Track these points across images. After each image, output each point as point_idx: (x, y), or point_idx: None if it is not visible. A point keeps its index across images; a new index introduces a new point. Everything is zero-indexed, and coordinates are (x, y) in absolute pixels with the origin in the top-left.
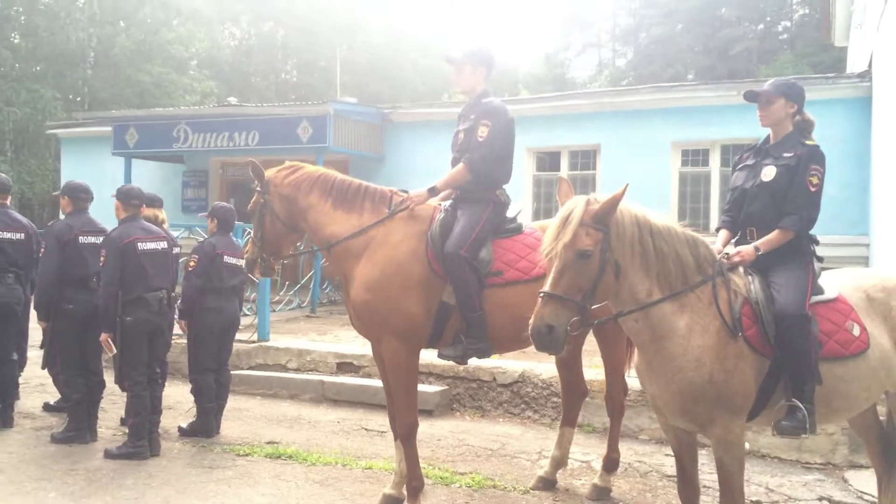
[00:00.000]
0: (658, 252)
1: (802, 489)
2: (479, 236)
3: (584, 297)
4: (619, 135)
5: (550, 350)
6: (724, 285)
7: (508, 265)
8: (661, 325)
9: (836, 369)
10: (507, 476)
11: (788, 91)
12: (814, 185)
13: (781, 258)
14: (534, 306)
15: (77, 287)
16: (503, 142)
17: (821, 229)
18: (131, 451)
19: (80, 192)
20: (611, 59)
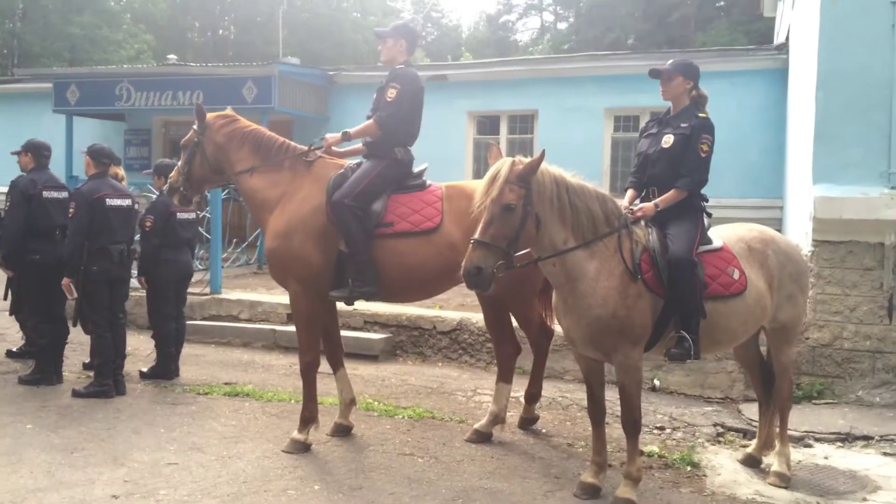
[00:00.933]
0: (573, 207)
1: (701, 417)
2: (368, 188)
3: (508, 244)
4: (556, 100)
5: (479, 288)
6: (628, 236)
7: (400, 217)
8: (574, 269)
9: (718, 307)
10: (444, 409)
11: (685, 70)
12: (704, 151)
13: (676, 213)
14: (421, 257)
15: (42, 238)
16: (410, 104)
17: (741, 192)
18: (98, 389)
19: (43, 150)
20: (553, 23)
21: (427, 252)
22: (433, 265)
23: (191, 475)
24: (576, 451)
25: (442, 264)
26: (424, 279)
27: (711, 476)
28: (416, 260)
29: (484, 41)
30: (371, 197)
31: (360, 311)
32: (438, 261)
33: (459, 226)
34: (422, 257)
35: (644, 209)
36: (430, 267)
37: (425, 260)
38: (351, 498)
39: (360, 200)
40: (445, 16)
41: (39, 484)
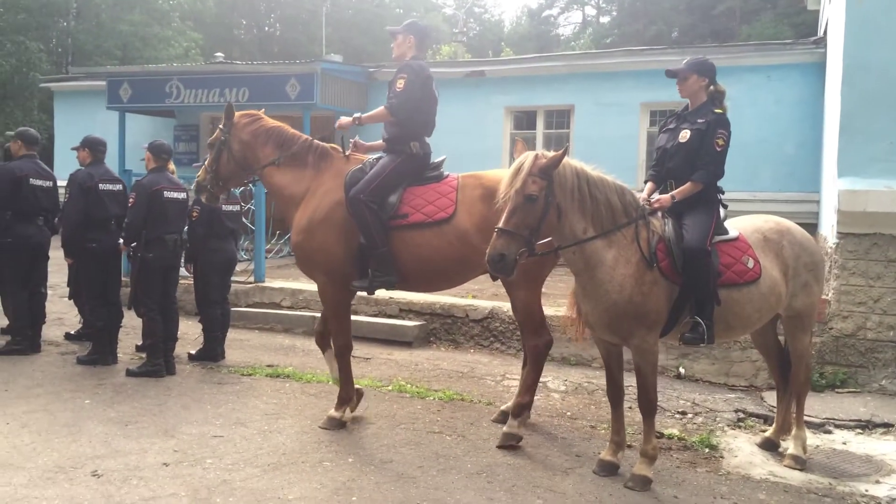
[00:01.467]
0: (593, 198)
1: (723, 404)
2: (383, 183)
3: (530, 232)
4: (592, 95)
5: (503, 273)
6: (645, 226)
7: (415, 209)
8: (593, 257)
9: (732, 294)
10: (473, 392)
11: (699, 68)
12: (719, 146)
13: (692, 204)
14: (435, 247)
15: (99, 228)
16: (419, 93)
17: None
18: (150, 369)
19: (99, 146)
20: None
21: (440, 242)
22: (447, 254)
23: (235, 447)
24: (598, 433)
25: (456, 253)
26: (440, 268)
27: (728, 458)
28: (430, 250)
29: (525, 36)
30: (387, 191)
31: (396, 299)
32: (451, 250)
33: (471, 214)
34: (436, 247)
35: (661, 200)
36: (444, 256)
37: (439, 249)
38: (381, 470)
39: (376, 195)
40: (488, 11)
41: (98, 452)
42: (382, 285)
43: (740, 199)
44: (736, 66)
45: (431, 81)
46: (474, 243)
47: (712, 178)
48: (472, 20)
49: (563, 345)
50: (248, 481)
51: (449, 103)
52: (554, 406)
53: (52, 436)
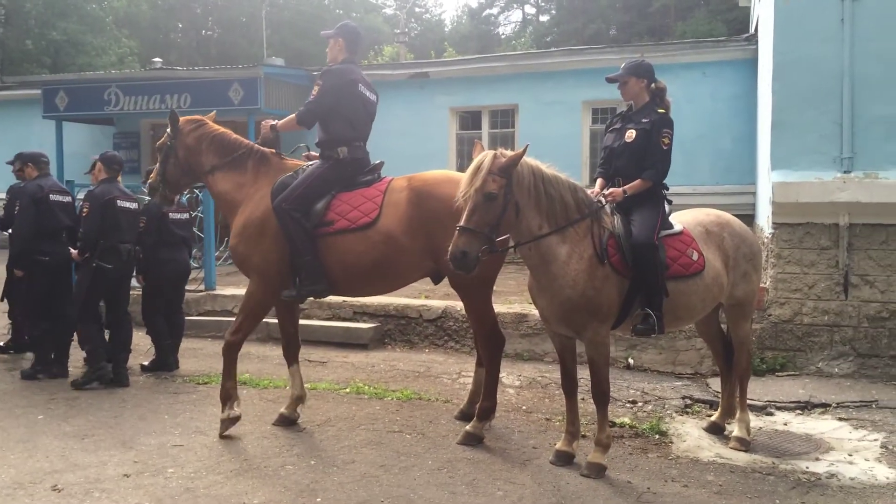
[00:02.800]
0: (548, 196)
1: (671, 391)
2: (306, 192)
3: (490, 229)
4: (535, 94)
5: (464, 271)
6: (597, 222)
7: (340, 216)
8: (547, 253)
9: (679, 286)
10: (430, 390)
11: (637, 70)
12: (665, 144)
13: (639, 201)
14: (359, 253)
15: (50, 240)
16: (333, 98)
17: (716, 179)
18: (94, 375)
19: (41, 157)
20: (534, 16)
21: (365, 247)
22: (373, 258)
23: (196, 455)
24: (553, 425)
25: (382, 257)
26: (367, 273)
27: (677, 443)
28: (355, 256)
29: (467, 36)
30: (311, 199)
31: (350, 302)
32: (377, 254)
33: (397, 217)
34: (360, 252)
35: (613, 193)
36: (370, 261)
37: (364, 254)
38: (344, 470)
39: (299, 203)
40: (428, 11)
41: (55, 466)
42: (311, 293)
43: (681, 192)
44: (673, 64)
45: (357, 84)
46: (401, 246)
47: (660, 175)
48: (413, 20)
49: (515, 341)
50: (211, 488)
51: (393, 105)
52: (509, 401)
53: (7, 452)
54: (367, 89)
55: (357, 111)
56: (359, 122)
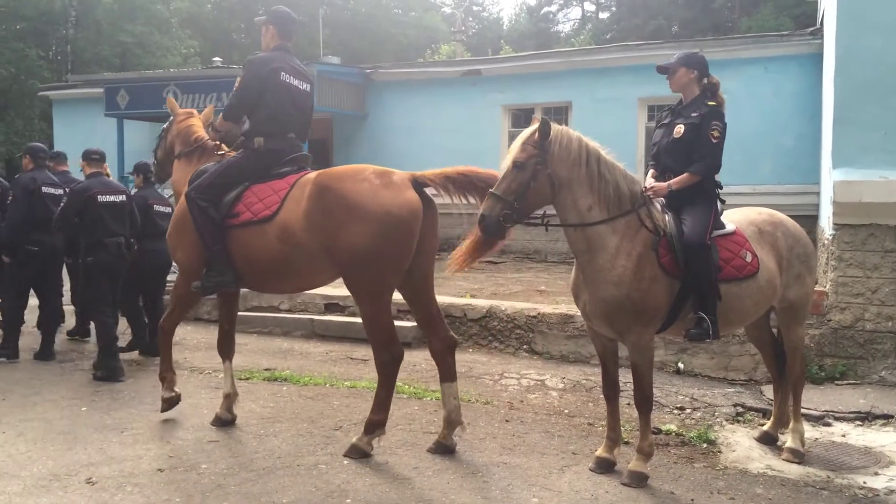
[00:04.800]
0: (601, 177)
1: (722, 398)
2: (217, 181)
3: (515, 198)
4: (589, 91)
5: (487, 234)
6: (648, 216)
7: (246, 208)
8: (595, 239)
9: (732, 289)
10: (471, 391)
11: (688, 61)
12: (715, 137)
13: (691, 199)
14: (259, 246)
15: (41, 230)
16: (250, 90)
17: (778, 178)
18: (107, 373)
19: (40, 152)
20: (594, 13)
21: (262, 241)
22: (270, 254)
23: (230, 451)
24: (595, 430)
25: (277, 253)
26: (267, 268)
27: (726, 452)
28: (254, 250)
29: (525, 34)
30: (222, 189)
31: (394, 300)
32: (273, 249)
33: (296, 212)
34: (259, 247)
35: (656, 188)
36: (267, 256)
37: (263, 249)
38: (377, 472)
39: (207, 192)
40: (486, 9)
41: (92, 459)
42: (217, 285)
43: (740, 192)
44: (733, 59)
45: (279, 73)
46: (298, 242)
47: (709, 170)
48: (470, 18)
49: (561, 342)
50: (242, 486)
51: (445, 103)
52: (551, 404)
53: (47, 444)
54: (294, 77)
55: (280, 101)
56: (282, 112)
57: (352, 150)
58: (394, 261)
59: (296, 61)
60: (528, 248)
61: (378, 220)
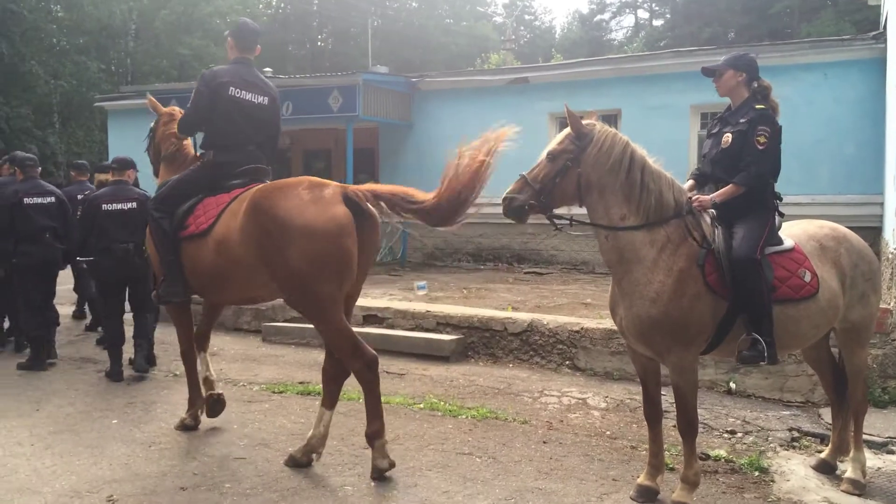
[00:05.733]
0: (644, 187)
1: (776, 422)
2: (172, 193)
3: (541, 187)
4: (640, 99)
5: (509, 216)
6: (696, 227)
7: (194, 220)
8: (628, 250)
9: (787, 310)
10: (508, 409)
11: (735, 62)
12: (761, 143)
13: (744, 212)
14: (198, 258)
15: (27, 241)
16: (200, 104)
17: (837, 188)
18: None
19: (27, 162)
20: (647, 20)
21: (201, 253)
22: (207, 266)
23: (256, 469)
24: (639, 454)
25: (213, 265)
26: (209, 281)
27: (779, 482)
28: (195, 261)
29: (577, 42)
30: (174, 201)
31: (433, 312)
32: (210, 262)
33: (229, 226)
34: (199, 259)
35: (700, 200)
36: (205, 268)
37: (201, 261)
38: (405, 495)
39: (161, 204)
40: (538, 18)
41: (116, 475)
42: (168, 295)
43: (798, 202)
44: (791, 65)
45: (228, 87)
46: (234, 255)
47: (754, 179)
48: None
49: (605, 359)
50: None
51: (492, 111)
52: (593, 425)
53: (73, 458)
54: (246, 91)
55: (229, 114)
56: (232, 125)
57: (398, 160)
58: (327, 276)
59: (253, 74)
60: (576, 259)
61: (304, 237)
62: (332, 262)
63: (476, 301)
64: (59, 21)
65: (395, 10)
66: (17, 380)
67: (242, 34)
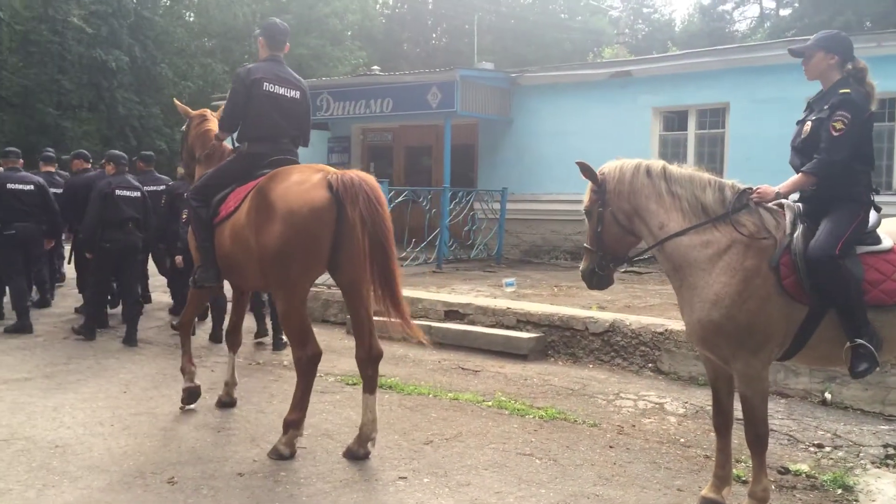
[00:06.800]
0: (671, 193)
1: (871, 437)
2: (209, 182)
3: (595, 245)
4: (749, 92)
5: (589, 287)
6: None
7: (224, 207)
8: (678, 257)
9: (880, 317)
10: (578, 411)
11: (827, 43)
12: (836, 129)
13: (834, 206)
14: (224, 241)
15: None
16: (236, 101)
17: None
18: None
19: (121, 159)
20: (774, 10)
21: (224, 236)
22: (227, 249)
23: (314, 460)
24: (711, 464)
25: (230, 249)
26: (228, 264)
27: (864, 501)
28: (220, 244)
29: (696, 34)
30: (213, 189)
31: (513, 309)
32: (229, 245)
33: (246, 211)
34: (221, 241)
35: (761, 192)
36: (226, 252)
37: (224, 245)
38: (455, 493)
39: (198, 193)
40: (657, 10)
41: (182, 458)
42: (203, 279)
43: None
44: None
45: (262, 83)
46: (244, 240)
47: (824, 167)
48: (640, 21)
49: (690, 363)
50: (313, 497)
51: (592, 106)
52: (667, 431)
53: (146, 439)
54: (279, 86)
55: (264, 109)
56: (267, 119)
57: (496, 156)
58: (298, 259)
59: (285, 70)
60: None
61: (282, 218)
62: (300, 245)
63: (564, 299)
64: (187, 25)
65: (508, 6)
66: (113, 363)
67: (272, 33)
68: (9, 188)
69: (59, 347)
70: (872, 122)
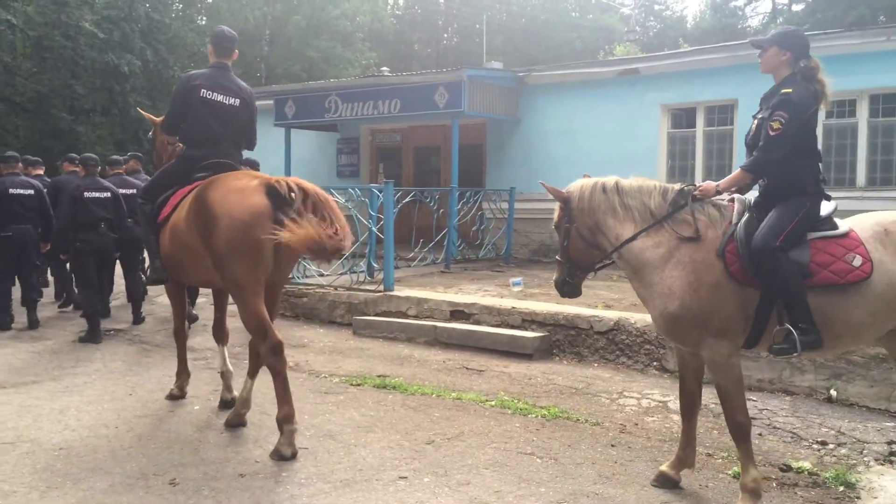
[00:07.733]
0: (624, 206)
1: (875, 434)
2: (153, 183)
3: (565, 257)
4: (759, 88)
5: (561, 295)
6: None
7: (165, 209)
8: (633, 260)
9: (832, 297)
10: (581, 410)
11: (781, 39)
12: (773, 129)
13: (780, 200)
14: (164, 243)
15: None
16: (175, 105)
17: None
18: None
19: (90, 161)
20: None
21: (165, 237)
22: (169, 249)
23: (315, 460)
24: (713, 462)
25: (171, 249)
26: (172, 262)
27: (866, 498)
28: (162, 244)
29: (708, 31)
30: (157, 191)
31: (519, 309)
32: (169, 246)
33: (181, 214)
34: (163, 242)
35: (702, 188)
36: (168, 251)
37: (164, 244)
38: (455, 492)
39: (146, 193)
40: (669, 7)
41: (184, 459)
42: (154, 274)
43: None
44: None
45: (199, 90)
46: (185, 241)
47: (758, 164)
48: (651, 18)
49: None
50: (313, 498)
51: (599, 105)
52: (669, 429)
53: (150, 441)
54: (217, 92)
55: (199, 114)
56: (202, 123)
57: (504, 155)
58: (244, 259)
59: (228, 78)
60: None
61: (224, 223)
62: (244, 248)
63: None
64: (199, 29)
65: (518, 5)
66: (121, 366)
67: (219, 41)
68: (11, 193)
69: (68, 350)
70: (816, 118)
